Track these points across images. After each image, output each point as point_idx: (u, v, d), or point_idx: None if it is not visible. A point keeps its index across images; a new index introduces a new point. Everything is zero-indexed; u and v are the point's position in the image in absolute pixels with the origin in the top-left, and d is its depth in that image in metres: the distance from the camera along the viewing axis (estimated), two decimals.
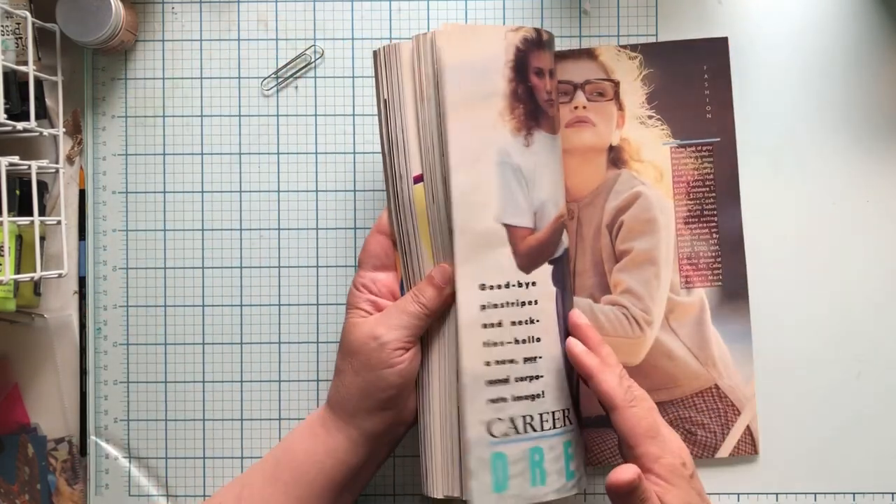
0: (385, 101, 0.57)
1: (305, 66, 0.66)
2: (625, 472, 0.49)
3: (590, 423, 0.62)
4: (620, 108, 0.64)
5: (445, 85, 0.55)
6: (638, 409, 0.53)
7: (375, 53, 0.57)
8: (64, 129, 0.64)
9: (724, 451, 0.63)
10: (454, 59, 0.55)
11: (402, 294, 0.58)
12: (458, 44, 0.55)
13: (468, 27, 0.60)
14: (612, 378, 0.53)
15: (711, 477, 0.64)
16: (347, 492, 0.58)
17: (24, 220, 0.59)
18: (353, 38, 0.65)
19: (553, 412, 0.56)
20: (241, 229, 0.66)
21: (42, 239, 0.63)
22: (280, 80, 0.66)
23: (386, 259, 0.58)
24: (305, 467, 0.57)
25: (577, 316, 0.57)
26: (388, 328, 0.55)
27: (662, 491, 0.51)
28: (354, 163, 0.66)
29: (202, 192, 0.66)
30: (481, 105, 0.55)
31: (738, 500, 0.64)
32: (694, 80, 0.64)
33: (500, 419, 0.55)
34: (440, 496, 0.56)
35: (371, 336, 0.55)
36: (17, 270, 0.60)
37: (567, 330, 0.56)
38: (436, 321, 0.57)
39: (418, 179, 0.57)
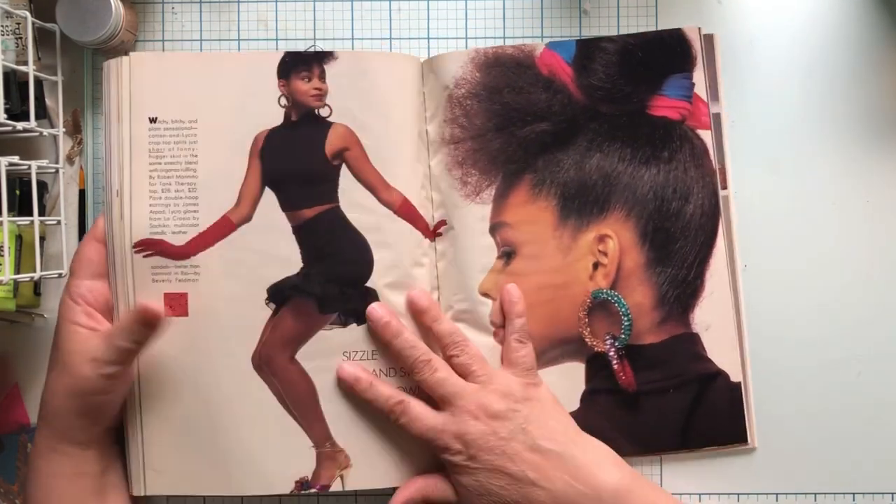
0: (105, 114, 0.60)
1: None
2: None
3: None
4: None
5: (132, 106, 0.59)
6: None
7: (104, 66, 0.60)
8: (64, 129, 0.64)
9: None
10: (143, 84, 0.59)
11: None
12: (151, 68, 0.59)
13: (163, 54, 0.64)
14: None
15: (712, 476, 0.64)
16: (112, 489, 0.60)
17: (23, 220, 0.59)
18: (353, 38, 0.65)
19: None
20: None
21: (42, 239, 0.63)
22: None
23: (102, 267, 0.59)
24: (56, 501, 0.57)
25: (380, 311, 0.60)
26: (108, 359, 0.55)
27: None
28: None
29: None
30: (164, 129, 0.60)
31: (738, 500, 0.64)
32: None
33: None
34: (142, 494, 0.61)
35: (88, 358, 0.56)
36: (17, 270, 0.60)
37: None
38: None
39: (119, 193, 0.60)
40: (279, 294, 0.60)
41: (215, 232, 0.60)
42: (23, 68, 0.59)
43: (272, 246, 0.60)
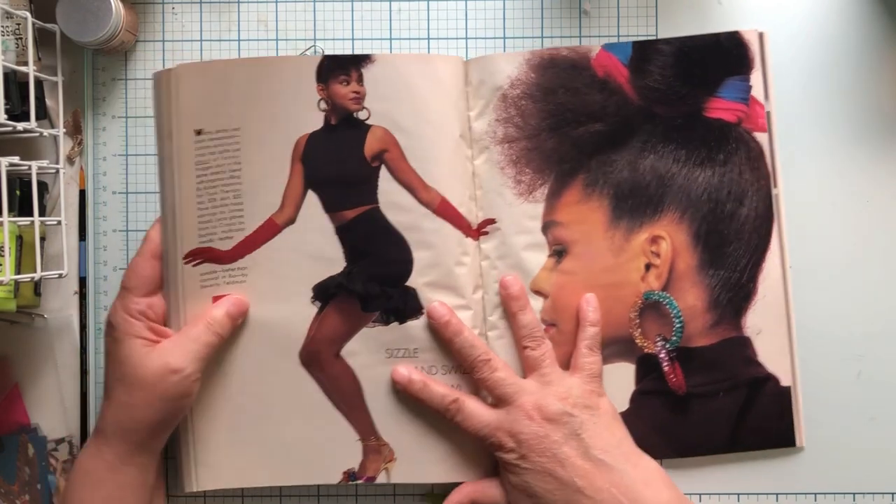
0: (156, 129, 0.61)
1: None
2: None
3: None
4: None
5: (180, 119, 0.60)
6: None
7: (154, 78, 0.61)
8: (64, 130, 0.64)
9: None
10: (190, 96, 0.60)
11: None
12: (196, 79, 0.60)
13: (207, 63, 0.63)
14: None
15: (711, 477, 0.64)
16: (157, 493, 0.62)
17: (24, 221, 0.59)
18: (353, 38, 0.66)
19: None
20: None
21: (42, 239, 0.63)
22: None
23: (158, 283, 0.60)
24: None
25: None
26: (187, 360, 0.57)
27: None
28: None
29: None
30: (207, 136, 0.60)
31: (738, 500, 0.64)
32: None
33: None
34: (194, 490, 0.62)
35: (170, 369, 0.57)
36: (18, 271, 0.60)
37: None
38: None
39: None
40: (324, 292, 0.61)
41: (261, 234, 0.61)
42: (23, 69, 0.59)
43: (316, 246, 0.61)
